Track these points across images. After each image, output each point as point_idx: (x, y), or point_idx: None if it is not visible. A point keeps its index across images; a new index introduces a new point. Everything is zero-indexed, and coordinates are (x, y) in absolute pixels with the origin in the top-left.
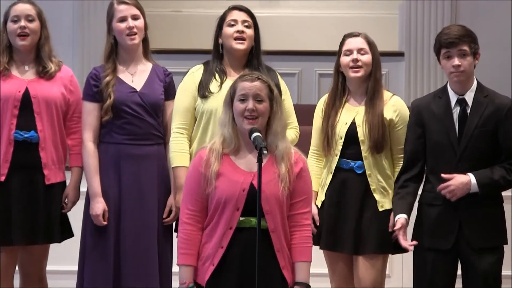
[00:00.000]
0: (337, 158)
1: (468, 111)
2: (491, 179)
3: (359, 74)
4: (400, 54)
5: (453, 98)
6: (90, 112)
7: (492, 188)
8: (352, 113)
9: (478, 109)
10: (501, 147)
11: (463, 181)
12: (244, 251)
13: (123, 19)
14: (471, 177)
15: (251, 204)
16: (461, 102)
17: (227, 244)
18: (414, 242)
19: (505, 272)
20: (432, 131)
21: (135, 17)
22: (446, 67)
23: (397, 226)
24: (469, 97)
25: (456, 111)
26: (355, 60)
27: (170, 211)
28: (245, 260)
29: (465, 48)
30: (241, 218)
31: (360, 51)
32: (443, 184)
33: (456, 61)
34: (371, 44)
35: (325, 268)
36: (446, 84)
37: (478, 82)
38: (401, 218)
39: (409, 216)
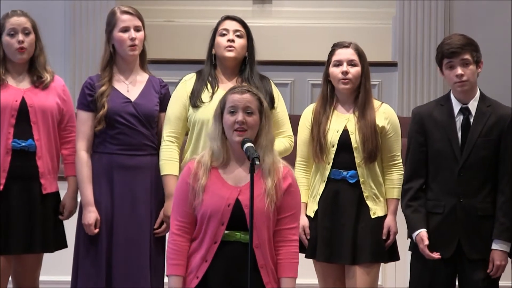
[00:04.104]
0: (329, 166)
1: (471, 120)
2: (508, 227)
3: (347, 86)
4: (393, 64)
5: (456, 106)
6: (84, 122)
7: None
8: (343, 120)
9: (482, 119)
10: (500, 158)
11: (499, 255)
12: (228, 265)
13: (125, 30)
14: (500, 247)
15: (236, 219)
16: (465, 110)
17: (211, 258)
18: (438, 255)
19: (505, 283)
20: (434, 139)
21: (137, 28)
22: (449, 78)
23: (425, 242)
24: (473, 106)
25: (459, 120)
26: (345, 73)
27: (162, 222)
28: (229, 274)
29: (467, 57)
30: (226, 232)
31: (350, 62)
32: (493, 272)
33: (459, 71)
34: (361, 55)
35: (315, 279)
36: (449, 92)
37: (481, 92)
38: (422, 232)
39: (426, 228)
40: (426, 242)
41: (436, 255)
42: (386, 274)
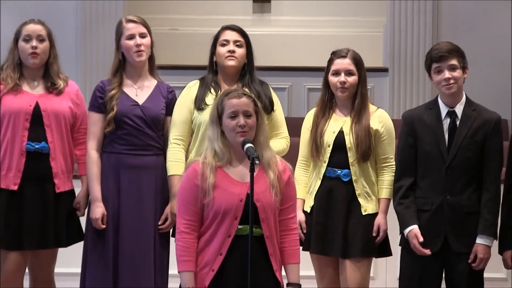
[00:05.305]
0: (325, 165)
1: (458, 123)
2: (492, 223)
3: (345, 95)
4: (384, 70)
5: (444, 110)
6: (95, 123)
7: (497, 223)
8: (339, 122)
9: (467, 121)
10: (485, 159)
11: (482, 249)
12: (242, 257)
13: (131, 37)
14: (483, 242)
15: (248, 213)
16: (451, 114)
17: (226, 251)
18: (428, 251)
19: (499, 275)
20: (424, 141)
21: (142, 35)
22: (437, 81)
23: (420, 239)
24: (459, 109)
25: (446, 122)
26: (343, 82)
27: (166, 219)
28: (244, 265)
29: (454, 62)
30: (239, 227)
31: (347, 72)
32: (476, 264)
33: (447, 74)
34: (358, 64)
35: (312, 270)
36: (437, 97)
37: (466, 97)
38: (415, 229)
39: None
40: (421, 239)
41: (427, 251)
42: (377, 267)
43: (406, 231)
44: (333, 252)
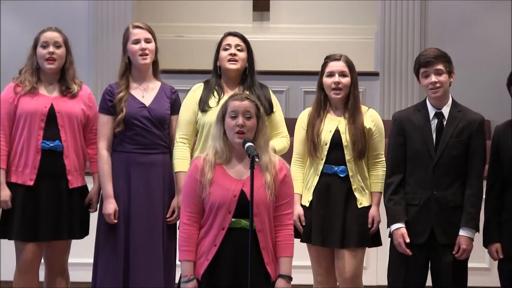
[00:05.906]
0: (323, 162)
1: (445, 123)
2: (474, 216)
3: (339, 96)
4: (375, 74)
5: (432, 111)
6: (105, 124)
7: (479, 216)
8: (335, 122)
9: (453, 122)
10: (469, 157)
11: (465, 240)
12: (235, 248)
13: (137, 42)
14: (466, 234)
15: (241, 208)
16: (439, 115)
17: (220, 243)
18: (409, 251)
19: (482, 265)
20: (413, 140)
21: (147, 40)
22: (424, 85)
23: (407, 239)
24: (446, 111)
25: (434, 123)
26: (337, 83)
27: (173, 212)
28: (236, 256)
29: (441, 67)
30: (233, 220)
31: (341, 74)
32: (459, 254)
33: (433, 78)
34: (350, 67)
35: (307, 261)
36: (425, 99)
37: (453, 99)
38: (402, 229)
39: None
40: (407, 240)
41: (409, 252)
42: (369, 257)
43: (393, 227)
44: (332, 243)
